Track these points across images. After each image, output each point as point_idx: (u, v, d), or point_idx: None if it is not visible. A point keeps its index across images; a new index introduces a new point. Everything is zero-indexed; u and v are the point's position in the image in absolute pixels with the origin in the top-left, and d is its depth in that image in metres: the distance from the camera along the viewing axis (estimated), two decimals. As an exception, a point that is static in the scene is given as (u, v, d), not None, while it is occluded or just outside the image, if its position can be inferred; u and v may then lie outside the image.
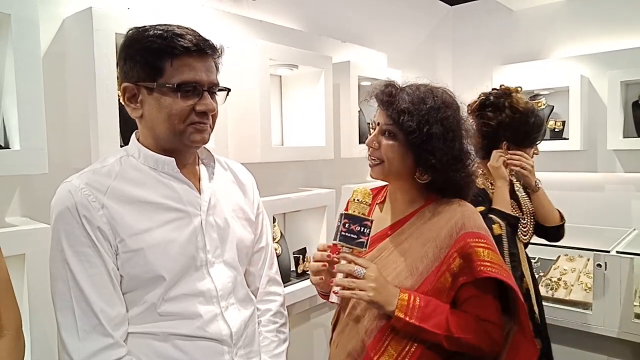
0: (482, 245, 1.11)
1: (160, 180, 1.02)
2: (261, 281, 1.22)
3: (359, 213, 1.10)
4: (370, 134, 1.22)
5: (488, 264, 1.09)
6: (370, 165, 1.22)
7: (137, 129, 1.07)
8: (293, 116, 2.25)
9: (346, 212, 1.11)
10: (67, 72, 1.46)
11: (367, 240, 1.09)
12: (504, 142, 1.77)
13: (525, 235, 1.82)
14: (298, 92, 2.23)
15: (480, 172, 1.77)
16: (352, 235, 1.08)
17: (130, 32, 1.00)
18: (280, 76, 2.26)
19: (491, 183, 1.79)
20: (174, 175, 1.04)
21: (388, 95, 1.17)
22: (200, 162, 1.12)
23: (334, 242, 1.09)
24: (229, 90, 1.07)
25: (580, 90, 2.76)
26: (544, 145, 2.91)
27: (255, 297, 1.20)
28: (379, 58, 2.66)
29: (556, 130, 2.96)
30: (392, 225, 1.22)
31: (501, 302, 1.17)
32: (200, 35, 0.99)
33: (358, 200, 1.11)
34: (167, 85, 0.96)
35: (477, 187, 1.58)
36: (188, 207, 1.04)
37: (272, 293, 1.23)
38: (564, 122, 2.94)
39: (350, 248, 1.09)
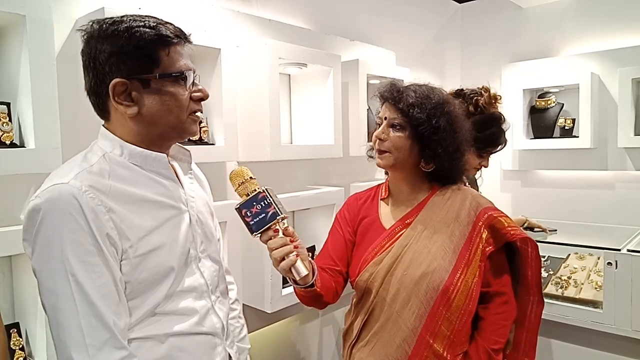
0: (502, 215, 1.27)
1: (151, 177, 0.98)
2: None
3: (247, 195, 1.05)
4: (376, 130, 1.29)
5: (514, 228, 1.24)
6: (378, 156, 1.29)
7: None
8: (302, 115, 2.26)
9: (237, 206, 1.06)
10: (79, 71, 1.47)
11: (276, 206, 1.04)
12: None
13: None
14: (307, 90, 2.23)
15: None
16: (261, 217, 1.04)
17: (96, 25, 0.94)
18: (289, 75, 2.27)
19: None
20: (162, 173, 1.00)
21: (396, 92, 1.26)
22: (171, 159, 1.09)
23: (255, 236, 1.06)
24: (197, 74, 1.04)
25: (591, 88, 2.74)
26: (554, 143, 2.93)
27: None
28: (387, 56, 2.66)
29: (566, 128, 2.95)
30: (408, 213, 1.29)
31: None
32: (172, 24, 0.98)
33: (239, 184, 1.07)
34: (173, 74, 0.94)
35: None
36: (179, 203, 1.02)
37: (229, 282, 1.24)
38: (574, 120, 2.92)
39: (269, 227, 1.05)
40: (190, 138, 1.58)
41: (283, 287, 1.97)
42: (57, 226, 0.84)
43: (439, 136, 1.22)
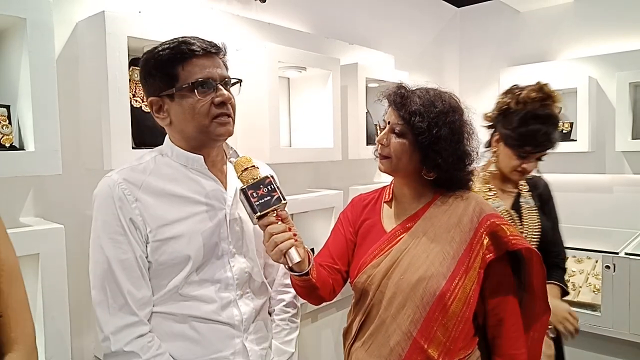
0: (505, 223, 1.24)
1: (190, 177, 1.12)
2: (278, 273, 1.31)
3: (248, 181, 1.08)
4: (377, 133, 1.28)
5: (517, 237, 1.22)
6: (379, 161, 1.29)
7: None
8: (301, 118, 2.27)
9: (243, 186, 1.08)
10: (80, 74, 1.48)
11: (280, 192, 1.08)
12: (497, 135, 1.60)
13: None
14: (306, 93, 2.24)
15: (481, 172, 1.64)
16: (266, 199, 1.07)
17: (144, 55, 1.11)
18: (289, 78, 2.28)
19: (490, 189, 1.64)
20: (202, 172, 1.13)
21: (400, 97, 1.24)
22: (227, 160, 1.22)
23: (258, 215, 1.07)
24: (240, 80, 1.16)
25: (589, 92, 2.75)
26: (552, 147, 2.93)
27: (272, 287, 1.29)
28: (386, 60, 2.67)
29: (564, 131, 2.96)
30: (410, 217, 1.28)
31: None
32: (203, 39, 1.09)
33: (244, 170, 1.09)
34: (185, 86, 1.05)
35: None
36: (214, 201, 1.13)
37: (287, 285, 1.30)
38: (572, 124, 2.93)
39: (274, 210, 1.08)
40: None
41: (282, 290, 1.97)
42: (98, 209, 1.06)
43: (440, 146, 1.19)
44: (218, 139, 1.11)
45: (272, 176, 1.10)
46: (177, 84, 1.06)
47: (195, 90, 1.05)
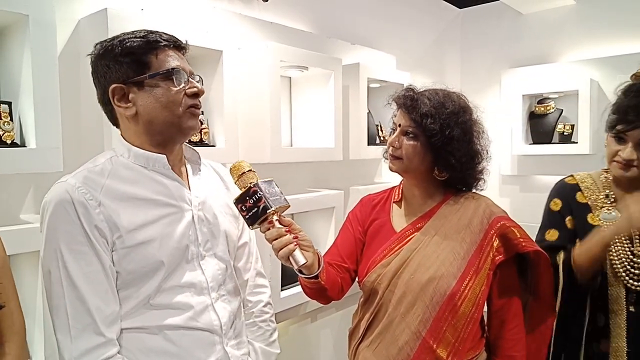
0: (515, 225, 1.24)
1: (152, 178, 1.05)
2: (250, 274, 1.25)
3: (244, 188, 1.07)
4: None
5: (526, 240, 1.22)
6: (390, 160, 1.29)
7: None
8: (302, 117, 2.27)
9: (234, 201, 1.08)
10: (81, 72, 1.48)
11: (267, 199, 1.06)
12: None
13: (637, 281, 1.28)
14: (308, 93, 2.24)
15: (604, 176, 1.44)
16: (254, 211, 1.06)
17: (99, 45, 1.05)
18: (290, 77, 2.28)
19: (607, 195, 1.40)
20: (164, 173, 1.07)
21: (410, 99, 1.24)
22: (186, 161, 1.16)
23: (253, 229, 1.10)
24: (201, 78, 1.11)
25: (590, 94, 2.75)
26: (553, 149, 2.93)
27: (245, 290, 1.24)
28: (388, 60, 2.67)
29: (565, 134, 2.96)
30: (420, 217, 1.29)
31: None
32: (168, 33, 1.06)
33: (237, 177, 1.09)
34: (161, 73, 1.00)
35: (578, 201, 1.39)
36: (180, 202, 1.07)
37: (261, 285, 1.28)
38: (573, 126, 2.93)
39: (264, 219, 1.07)
40: (191, 139, 1.59)
41: (282, 290, 1.97)
42: (55, 219, 0.95)
43: (453, 147, 1.20)
44: (188, 132, 1.06)
45: (256, 184, 1.06)
46: (148, 72, 1.00)
47: (174, 78, 1.01)
